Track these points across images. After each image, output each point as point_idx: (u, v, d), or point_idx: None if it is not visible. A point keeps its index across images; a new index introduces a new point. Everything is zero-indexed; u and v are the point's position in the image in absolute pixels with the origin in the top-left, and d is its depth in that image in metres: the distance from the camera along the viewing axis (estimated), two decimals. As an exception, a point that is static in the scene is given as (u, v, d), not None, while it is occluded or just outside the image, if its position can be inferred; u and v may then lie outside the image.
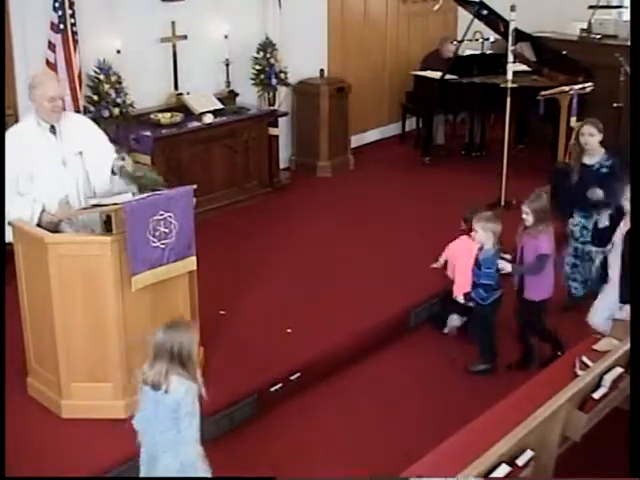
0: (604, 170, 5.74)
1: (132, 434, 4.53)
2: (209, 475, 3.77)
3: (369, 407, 5.08)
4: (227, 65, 7.90)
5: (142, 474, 3.83)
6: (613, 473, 3.93)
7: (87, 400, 4.64)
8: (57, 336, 4.54)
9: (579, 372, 4.33)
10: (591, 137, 5.69)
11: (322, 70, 8.83)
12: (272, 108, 8.26)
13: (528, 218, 5.17)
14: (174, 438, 3.62)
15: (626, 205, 4.90)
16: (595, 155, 5.76)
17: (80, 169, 4.82)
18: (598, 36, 9.61)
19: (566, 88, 7.92)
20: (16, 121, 6.69)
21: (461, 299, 5.45)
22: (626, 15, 9.70)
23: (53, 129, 4.76)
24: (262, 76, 8.16)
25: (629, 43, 5.20)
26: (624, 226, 4.99)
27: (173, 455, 3.65)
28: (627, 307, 4.92)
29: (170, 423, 3.61)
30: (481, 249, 5.29)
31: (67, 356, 4.58)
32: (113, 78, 6.92)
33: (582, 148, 5.77)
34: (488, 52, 9.57)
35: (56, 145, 4.76)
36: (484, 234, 5.22)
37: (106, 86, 6.87)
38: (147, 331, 4.33)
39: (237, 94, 8.07)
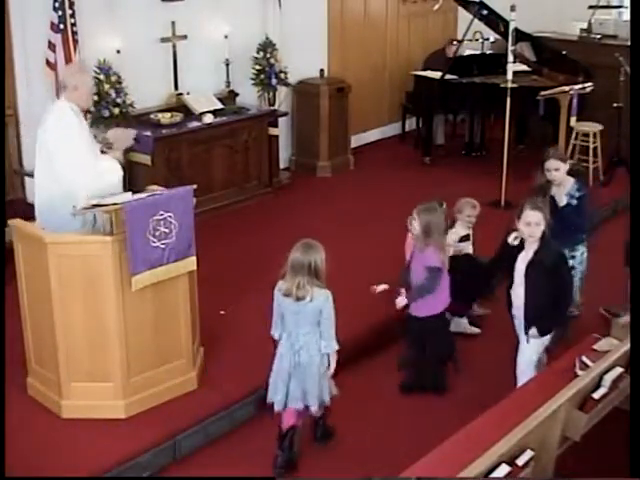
0: (574, 202, 5.48)
1: (132, 434, 4.54)
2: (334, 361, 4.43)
3: (369, 407, 5.08)
4: (227, 65, 7.90)
5: (280, 389, 4.38)
6: (613, 473, 3.92)
7: (87, 400, 4.64)
8: (57, 336, 4.54)
9: (579, 372, 4.33)
10: (557, 172, 5.44)
11: (322, 70, 8.83)
12: (272, 108, 8.26)
13: (415, 226, 4.98)
14: (316, 336, 4.33)
15: (538, 232, 4.61)
16: (564, 186, 5.51)
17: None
18: (598, 36, 9.62)
19: (566, 88, 7.92)
20: (16, 121, 6.71)
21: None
22: (626, 15, 9.72)
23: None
24: (262, 76, 8.16)
25: (629, 43, 5.20)
26: (525, 255, 4.69)
27: (317, 349, 4.34)
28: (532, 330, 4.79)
29: (311, 326, 4.31)
30: None
31: (67, 356, 4.58)
32: (113, 78, 6.92)
33: (550, 182, 5.48)
34: (488, 52, 9.56)
35: (87, 128, 4.90)
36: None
37: (106, 86, 6.88)
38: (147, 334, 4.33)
39: (237, 94, 8.07)
